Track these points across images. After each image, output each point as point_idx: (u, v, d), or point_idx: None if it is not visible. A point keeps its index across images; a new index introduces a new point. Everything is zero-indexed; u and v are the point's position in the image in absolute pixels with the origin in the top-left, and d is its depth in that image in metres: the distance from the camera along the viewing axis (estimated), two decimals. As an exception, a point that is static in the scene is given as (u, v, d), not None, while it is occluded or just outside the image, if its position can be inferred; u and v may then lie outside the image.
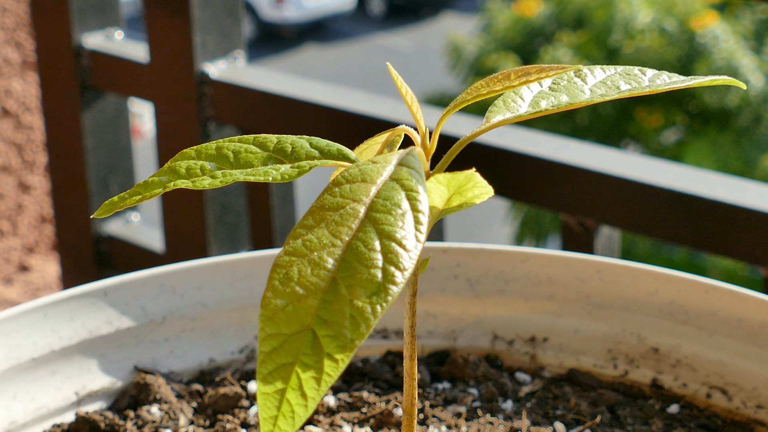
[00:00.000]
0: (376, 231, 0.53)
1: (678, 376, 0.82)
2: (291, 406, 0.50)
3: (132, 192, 0.59)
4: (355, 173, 0.55)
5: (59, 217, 1.71)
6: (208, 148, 0.59)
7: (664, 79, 0.64)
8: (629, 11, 7.13)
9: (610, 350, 0.83)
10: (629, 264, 0.82)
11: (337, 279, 0.52)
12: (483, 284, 0.84)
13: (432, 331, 0.85)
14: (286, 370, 0.50)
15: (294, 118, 1.41)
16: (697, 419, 0.79)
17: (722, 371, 0.80)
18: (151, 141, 7.64)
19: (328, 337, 0.51)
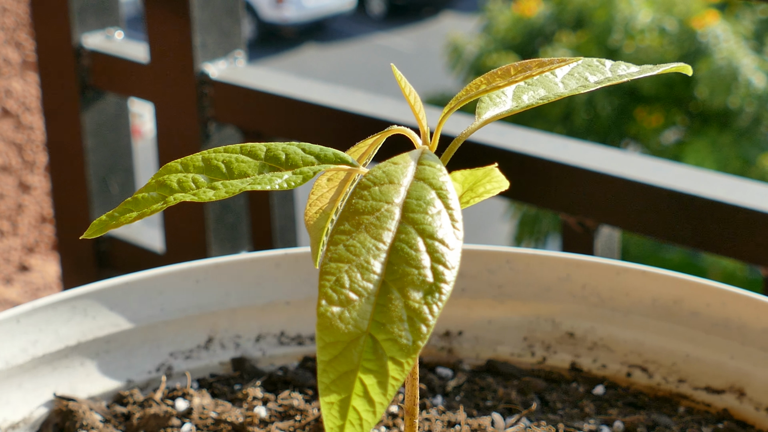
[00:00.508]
0: (417, 231, 0.53)
1: (596, 357, 0.83)
2: (358, 414, 0.50)
3: (122, 210, 0.58)
4: (381, 175, 0.55)
5: (59, 217, 1.71)
6: (194, 161, 0.58)
7: (623, 69, 0.64)
8: (629, 11, 7.13)
9: (526, 338, 0.84)
10: (539, 252, 0.83)
11: (386, 282, 0.52)
12: None
13: None
14: (349, 378, 0.50)
15: (294, 118, 1.41)
16: (623, 398, 0.81)
17: (640, 349, 0.82)
18: (151, 141, 7.64)
19: (389, 341, 0.50)
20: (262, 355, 0.83)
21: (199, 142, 1.48)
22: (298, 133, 1.42)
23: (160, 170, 0.59)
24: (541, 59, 0.61)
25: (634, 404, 0.80)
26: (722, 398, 0.80)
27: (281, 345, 0.84)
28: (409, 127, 0.62)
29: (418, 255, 0.52)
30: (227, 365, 0.83)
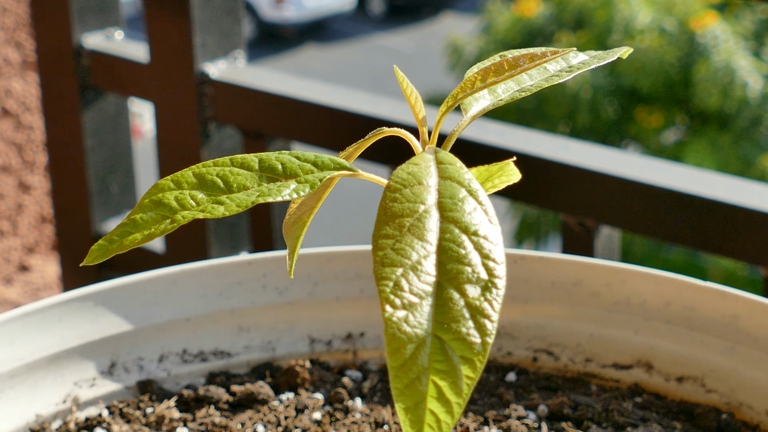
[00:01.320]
0: (460, 229, 0.53)
1: (500, 346, 0.84)
2: (435, 416, 0.50)
3: (122, 232, 0.57)
4: (407, 177, 0.56)
5: (59, 217, 1.71)
6: (186, 177, 0.58)
7: (581, 58, 0.65)
8: (629, 11, 7.13)
9: None
10: None
11: (441, 282, 0.52)
12: (292, 290, 0.84)
13: (249, 346, 0.84)
14: (421, 381, 0.50)
15: (294, 118, 1.41)
16: (536, 382, 0.82)
17: (543, 334, 0.83)
18: (151, 141, 7.64)
19: (457, 340, 0.51)
20: (167, 375, 0.82)
21: (199, 141, 1.48)
22: (298, 133, 1.42)
23: (150, 190, 0.57)
24: (533, 52, 0.61)
25: (549, 387, 0.81)
26: (630, 373, 0.82)
27: (185, 363, 0.82)
28: (407, 127, 0.62)
29: (467, 253, 0.53)
30: (134, 389, 0.81)
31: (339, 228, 7.64)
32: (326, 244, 4.82)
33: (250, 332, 0.84)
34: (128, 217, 0.57)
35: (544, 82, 0.63)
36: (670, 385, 0.81)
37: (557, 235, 6.80)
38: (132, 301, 0.82)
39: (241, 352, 0.84)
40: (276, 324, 0.84)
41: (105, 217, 1.66)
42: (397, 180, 0.55)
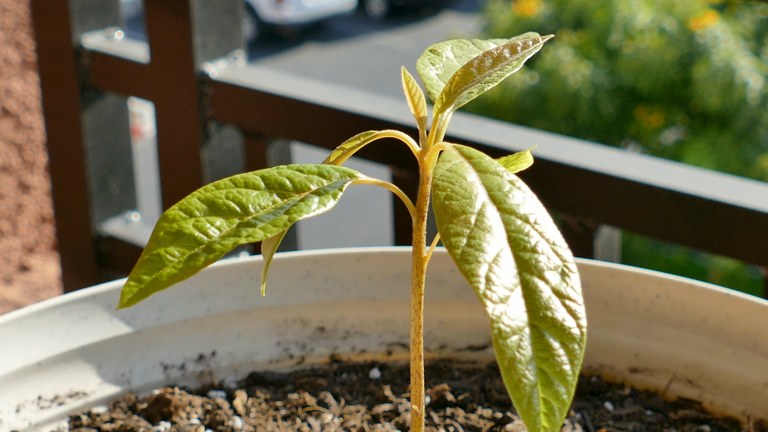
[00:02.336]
0: (521, 220, 0.54)
1: (353, 345, 0.85)
2: (549, 403, 0.51)
3: (149, 269, 0.54)
4: (450, 174, 0.56)
5: (59, 217, 1.71)
6: (194, 204, 0.57)
7: (487, 45, 0.66)
8: (629, 11, 7.13)
9: (279, 342, 0.85)
10: (276, 256, 0.84)
11: (522, 273, 0.53)
12: (139, 318, 0.83)
13: (103, 381, 0.82)
14: (530, 371, 0.51)
15: (294, 118, 1.41)
16: (401, 375, 0.83)
17: (392, 327, 0.85)
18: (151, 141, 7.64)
19: (553, 327, 0.52)
20: (27, 425, 0.79)
21: (199, 141, 1.48)
22: (298, 133, 1.42)
23: (160, 223, 0.56)
24: (513, 44, 0.62)
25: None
26: (486, 353, 0.84)
27: (42, 409, 0.80)
28: (407, 127, 0.62)
29: (537, 242, 0.54)
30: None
31: (339, 230, 7.64)
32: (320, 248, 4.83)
33: (102, 367, 0.81)
34: (148, 254, 0.55)
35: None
36: None
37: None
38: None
39: (97, 389, 0.81)
40: (127, 355, 0.82)
41: (105, 217, 1.66)
42: (442, 178, 0.56)
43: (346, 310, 0.85)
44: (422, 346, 0.64)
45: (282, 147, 1.48)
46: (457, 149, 0.58)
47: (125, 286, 0.54)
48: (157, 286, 0.54)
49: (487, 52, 0.61)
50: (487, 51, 0.61)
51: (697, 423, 0.79)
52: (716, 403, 0.81)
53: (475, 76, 0.61)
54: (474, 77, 0.61)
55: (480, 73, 0.61)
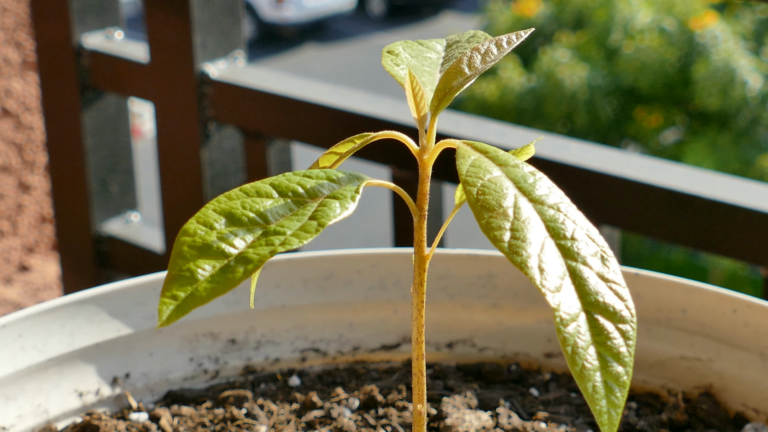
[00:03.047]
0: (554, 209, 0.56)
1: (267, 354, 0.85)
2: (610, 386, 0.53)
3: (181, 286, 0.53)
4: (476, 169, 0.57)
5: (59, 217, 1.71)
6: (212, 217, 0.56)
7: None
8: (629, 11, 7.13)
9: (192, 358, 0.84)
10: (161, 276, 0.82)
11: (567, 260, 0.55)
12: (51, 346, 0.80)
13: (21, 414, 0.79)
14: (590, 355, 0.53)
15: (294, 118, 1.41)
16: (321, 380, 0.84)
17: (304, 333, 0.85)
18: (151, 141, 7.64)
19: (605, 311, 0.54)
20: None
21: (199, 141, 1.48)
22: (298, 133, 1.42)
23: (180, 238, 0.55)
24: (498, 40, 0.63)
25: (335, 382, 0.83)
26: (400, 350, 0.85)
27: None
28: (407, 127, 0.62)
29: (574, 230, 0.55)
30: None
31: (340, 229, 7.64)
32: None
33: (18, 400, 0.79)
34: (175, 269, 0.54)
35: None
36: (441, 352, 0.85)
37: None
38: None
39: (16, 422, 0.79)
40: (41, 385, 0.80)
41: (105, 217, 1.66)
42: (469, 173, 0.57)
43: (255, 320, 0.84)
44: (424, 345, 0.64)
45: (282, 147, 1.48)
46: (469, 145, 0.59)
47: (160, 304, 0.53)
48: (196, 301, 0.53)
49: (474, 48, 0.62)
50: (475, 48, 0.62)
51: (627, 400, 0.80)
52: (635, 380, 0.83)
53: (466, 73, 0.62)
54: (464, 74, 0.62)
55: (471, 69, 0.62)
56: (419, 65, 0.66)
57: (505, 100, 7.06)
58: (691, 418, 0.79)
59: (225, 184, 1.51)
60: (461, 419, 0.76)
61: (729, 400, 0.81)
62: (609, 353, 0.53)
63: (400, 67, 0.65)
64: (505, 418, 0.78)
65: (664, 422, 0.78)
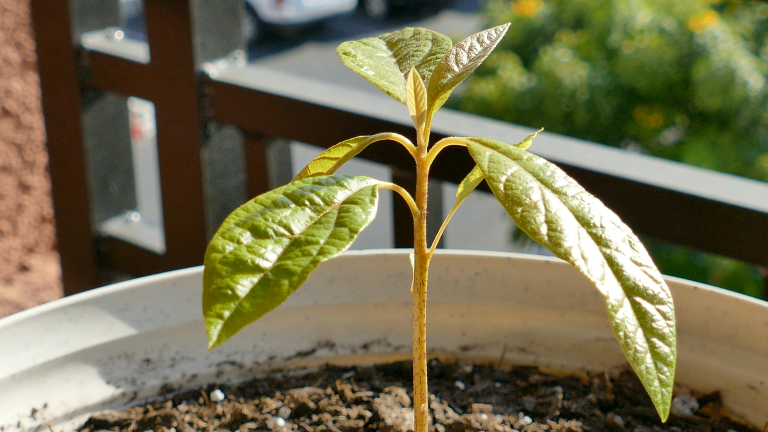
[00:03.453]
0: (576, 198, 0.58)
1: (183, 371, 0.84)
2: (659, 368, 0.55)
3: (222, 304, 0.52)
4: (495, 165, 0.58)
5: (59, 217, 1.71)
6: (237, 233, 0.55)
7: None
8: (629, 11, 7.13)
9: (109, 381, 0.82)
10: (90, 294, 0.81)
11: (601, 247, 0.56)
12: None
13: None
14: (639, 338, 0.55)
15: (294, 118, 1.41)
16: (242, 392, 0.83)
17: (219, 348, 0.84)
18: (151, 141, 7.64)
19: (645, 296, 0.55)
20: None
21: (199, 142, 1.48)
22: (298, 133, 1.42)
23: (210, 255, 0.54)
24: (479, 35, 0.64)
25: (258, 392, 0.82)
26: (316, 355, 0.85)
27: None
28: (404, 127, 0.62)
29: (600, 218, 0.57)
30: None
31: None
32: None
33: None
34: (212, 287, 0.53)
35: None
36: (357, 354, 0.86)
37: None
38: None
39: None
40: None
41: (105, 217, 1.66)
42: (493, 169, 0.58)
43: (168, 338, 0.83)
44: (425, 348, 0.64)
45: (282, 147, 1.48)
46: (478, 142, 0.60)
47: (207, 324, 0.52)
48: (244, 318, 0.52)
49: (458, 45, 0.63)
50: (459, 44, 0.63)
51: (548, 386, 0.82)
52: (553, 365, 0.84)
53: (455, 70, 0.62)
54: (453, 70, 0.62)
55: (459, 66, 0.62)
56: (380, 65, 0.65)
57: (505, 100, 7.06)
58: (618, 396, 0.81)
59: (225, 184, 1.51)
60: (401, 418, 0.76)
61: None
62: (655, 335, 0.54)
63: (363, 68, 0.64)
64: (442, 414, 0.78)
65: (594, 403, 0.79)
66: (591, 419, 0.78)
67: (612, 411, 0.79)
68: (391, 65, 0.66)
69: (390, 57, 0.67)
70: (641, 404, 0.80)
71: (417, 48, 0.66)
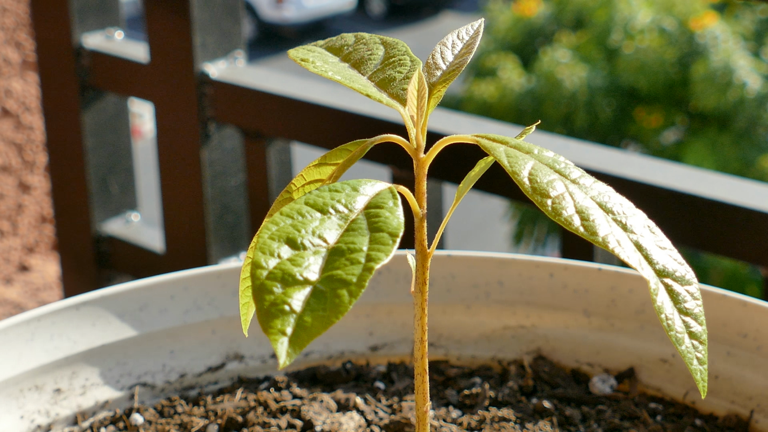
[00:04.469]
0: (594, 189, 0.58)
1: (96, 398, 0.82)
2: (696, 345, 0.57)
3: (281, 320, 0.51)
4: (512, 160, 0.59)
5: (59, 217, 1.71)
6: (275, 246, 0.54)
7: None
8: (629, 11, 7.13)
9: (23, 416, 0.80)
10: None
11: (628, 235, 0.57)
12: None
13: None
14: (677, 318, 0.57)
15: (294, 118, 1.41)
16: (162, 413, 0.81)
17: (127, 370, 0.82)
18: (151, 141, 7.64)
19: (672, 276, 0.57)
20: None
21: (199, 141, 1.48)
22: (298, 133, 1.42)
23: (256, 271, 0.52)
24: (459, 31, 0.65)
25: (177, 412, 0.81)
26: (227, 369, 0.84)
27: None
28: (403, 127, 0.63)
29: (621, 205, 0.58)
30: None
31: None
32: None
33: None
34: (264, 304, 0.52)
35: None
36: (268, 363, 0.85)
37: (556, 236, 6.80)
38: None
39: None
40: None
41: (105, 217, 1.66)
42: (513, 163, 0.59)
43: (77, 365, 0.81)
44: (426, 347, 0.64)
45: (282, 147, 1.48)
46: (486, 137, 0.60)
47: (273, 343, 0.50)
48: (309, 333, 0.51)
49: (441, 43, 0.65)
50: (441, 42, 0.65)
51: (466, 377, 0.82)
52: (464, 356, 0.85)
53: (441, 67, 0.63)
54: (441, 68, 0.63)
55: (444, 62, 0.63)
56: (341, 70, 0.64)
57: (505, 101, 7.06)
58: (537, 381, 0.82)
59: (225, 184, 1.51)
60: (337, 422, 0.76)
61: (561, 359, 0.84)
62: (688, 314, 0.56)
63: (329, 73, 0.64)
64: (373, 415, 0.78)
65: (516, 390, 0.80)
66: (519, 406, 0.79)
67: (534, 396, 0.81)
68: (348, 69, 0.65)
69: (340, 62, 0.66)
70: (560, 387, 0.81)
71: (369, 52, 0.66)
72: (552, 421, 0.77)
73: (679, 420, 0.79)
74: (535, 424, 0.77)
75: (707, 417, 0.80)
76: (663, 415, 0.80)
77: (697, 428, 0.78)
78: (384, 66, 0.65)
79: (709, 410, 0.80)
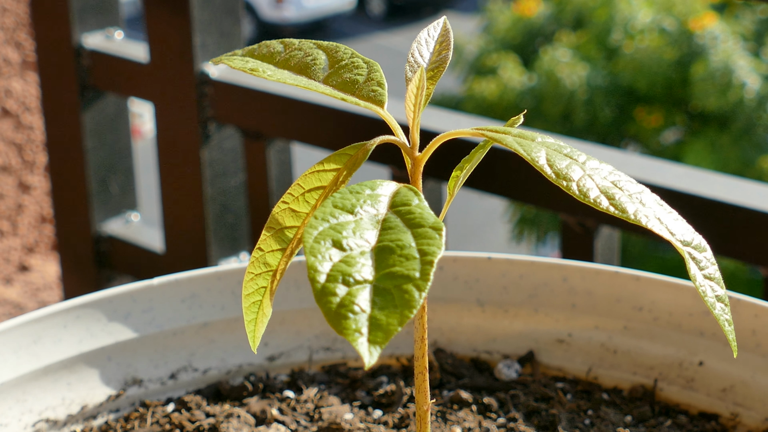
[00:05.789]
0: (606, 170, 0.61)
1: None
2: (723, 308, 0.59)
3: (354, 320, 0.51)
4: (525, 150, 0.61)
5: (59, 217, 1.71)
6: (325, 247, 0.53)
7: None
8: (629, 11, 7.13)
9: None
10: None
11: (647, 210, 0.59)
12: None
13: None
14: (707, 286, 0.59)
15: (294, 118, 1.41)
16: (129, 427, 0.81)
17: (28, 407, 0.80)
18: (151, 141, 7.64)
19: (692, 245, 0.59)
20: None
21: (199, 142, 1.48)
22: (298, 133, 1.42)
23: (314, 275, 0.52)
24: (427, 29, 0.66)
25: (145, 420, 0.80)
26: (128, 395, 0.82)
27: None
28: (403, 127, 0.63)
29: (627, 183, 0.60)
30: None
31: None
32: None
33: None
34: (331, 307, 0.51)
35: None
36: (167, 385, 0.83)
37: (556, 235, 6.80)
38: None
39: None
40: None
41: (105, 217, 1.66)
42: (528, 151, 0.60)
43: None
44: (426, 347, 0.64)
45: (282, 147, 1.48)
46: (488, 129, 0.60)
47: (354, 343, 0.50)
48: (387, 331, 0.50)
49: (415, 41, 0.66)
50: (416, 40, 0.67)
51: (372, 377, 0.83)
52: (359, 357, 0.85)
53: (421, 63, 0.64)
54: (420, 64, 0.64)
55: (423, 60, 0.65)
56: (291, 76, 0.64)
57: (505, 100, 7.06)
58: (442, 373, 0.82)
59: (225, 184, 1.51)
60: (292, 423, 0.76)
61: (459, 350, 0.84)
62: (711, 279, 0.59)
63: (288, 80, 0.64)
64: (296, 425, 0.77)
65: None
66: (437, 399, 0.79)
67: (443, 388, 0.81)
68: (296, 76, 0.64)
69: (279, 69, 0.65)
70: (465, 377, 0.82)
71: (311, 57, 0.65)
72: (472, 410, 0.78)
73: (589, 395, 0.81)
74: (456, 415, 0.78)
75: (611, 390, 0.82)
76: (572, 394, 0.81)
77: (608, 402, 0.80)
78: (337, 70, 0.64)
79: (612, 384, 0.82)
